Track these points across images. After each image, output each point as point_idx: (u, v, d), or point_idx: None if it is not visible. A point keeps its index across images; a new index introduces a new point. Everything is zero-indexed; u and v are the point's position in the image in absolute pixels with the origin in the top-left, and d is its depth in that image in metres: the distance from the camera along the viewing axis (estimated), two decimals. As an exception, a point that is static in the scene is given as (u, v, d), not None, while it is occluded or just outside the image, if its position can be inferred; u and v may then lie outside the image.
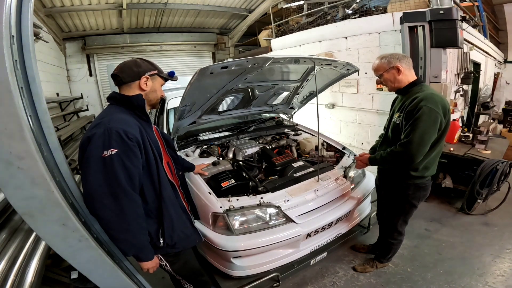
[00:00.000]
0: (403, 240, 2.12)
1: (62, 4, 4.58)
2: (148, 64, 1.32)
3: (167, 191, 1.35)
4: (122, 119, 1.19)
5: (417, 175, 1.70)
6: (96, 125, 1.15)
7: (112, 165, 1.08)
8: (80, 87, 5.98)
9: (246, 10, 6.40)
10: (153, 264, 1.30)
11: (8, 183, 0.86)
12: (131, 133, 1.15)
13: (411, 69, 1.70)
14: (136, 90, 1.29)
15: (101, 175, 1.08)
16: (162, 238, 1.32)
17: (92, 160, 1.08)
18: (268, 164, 2.48)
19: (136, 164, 1.16)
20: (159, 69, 1.36)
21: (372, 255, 2.34)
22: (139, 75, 1.27)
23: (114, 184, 1.09)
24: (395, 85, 1.72)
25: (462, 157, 3.09)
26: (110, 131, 1.10)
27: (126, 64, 1.28)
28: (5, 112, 0.80)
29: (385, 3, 3.87)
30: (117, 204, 1.10)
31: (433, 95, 1.57)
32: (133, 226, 1.16)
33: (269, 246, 1.81)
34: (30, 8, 0.94)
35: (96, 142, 1.09)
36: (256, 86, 2.76)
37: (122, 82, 1.27)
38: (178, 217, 1.38)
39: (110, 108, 1.29)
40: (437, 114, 1.52)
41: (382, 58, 1.73)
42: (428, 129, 1.51)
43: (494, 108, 4.85)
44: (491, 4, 7.21)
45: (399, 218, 1.94)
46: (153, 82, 1.33)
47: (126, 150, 1.13)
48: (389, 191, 1.94)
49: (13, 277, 1.21)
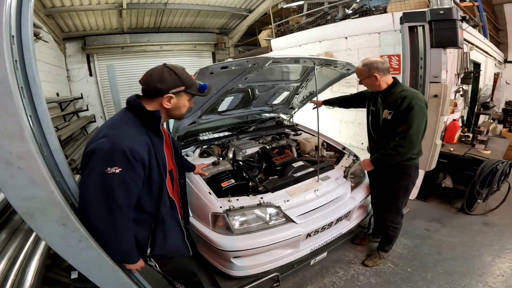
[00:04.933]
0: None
1: (62, 4, 4.58)
2: (176, 79, 1.19)
3: (165, 207, 1.33)
4: (132, 135, 1.15)
5: (415, 157, 2.00)
6: (104, 135, 1.10)
7: (113, 182, 1.07)
8: (80, 87, 5.97)
9: (246, 10, 6.39)
10: (138, 266, 1.29)
11: (8, 183, 0.86)
12: (138, 153, 1.12)
13: (388, 74, 1.93)
14: (157, 106, 1.22)
15: (100, 189, 1.07)
16: (151, 248, 1.32)
17: (94, 174, 1.06)
18: (268, 164, 2.48)
19: (137, 183, 1.15)
20: (188, 84, 1.23)
21: (374, 245, 2.42)
22: (162, 93, 1.19)
23: (110, 200, 1.08)
24: (375, 88, 1.96)
25: (462, 157, 3.09)
26: (117, 148, 1.07)
27: (152, 77, 1.19)
28: (5, 112, 0.80)
29: (385, 3, 3.87)
30: (110, 217, 1.10)
31: (417, 93, 1.86)
32: (122, 236, 1.17)
33: (269, 246, 1.81)
34: (30, 8, 0.94)
35: (101, 157, 1.06)
36: (256, 86, 2.76)
37: (146, 95, 1.22)
38: (171, 231, 1.37)
39: (124, 116, 1.23)
40: (424, 109, 1.82)
41: (363, 65, 1.93)
42: (421, 122, 1.80)
43: (494, 108, 4.84)
44: (491, 4, 7.21)
45: (403, 200, 2.11)
46: (177, 99, 1.23)
47: (130, 170, 1.11)
48: (390, 178, 2.05)
49: (13, 277, 1.21)
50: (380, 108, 1.99)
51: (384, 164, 1.98)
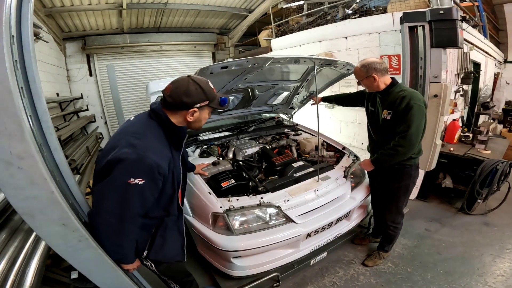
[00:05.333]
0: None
1: (62, 4, 4.57)
2: (201, 93, 1.20)
3: (173, 215, 1.37)
4: (158, 149, 1.16)
5: (415, 156, 2.00)
6: (130, 145, 1.10)
7: (134, 193, 1.08)
8: (80, 87, 5.96)
9: (246, 10, 6.39)
10: (134, 266, 1.30)
11: (8, 183, 0.86)
12: (162, 167, 1.14)
13: (386, 74, 1.93)
14: (180, 118, 1.23)
15: (119, 197, 1.08)
16: (147, 251, 1.33)
17: (117, 183, 1.07)
18: (268, 164, 2.48)
19: (154, 195, 1.18)
20: (211, 97, 1.23)
21: (374, 245, 2.42)
22: (188, 107, 1.19)
23: (126, 210, 1.10)
24: (373, 88, 1.97)
25: (462, 157, 3.09)
26: (143, 161, 1.08)
27: (178, 90, 1.18)
28: (5, 112, 0.80)
29: (385, 3, 3.87)
30: (121, 226, 1.12)
31: (416, 93, 1.87)
32: (126, 242, 1.18)
33: (269, 246, 1.81)
34: (30, 8, 0.94)
35: (126, 167, 1.07)
36: (256, 86, 2.76)
37: (169, 106, 1.21)
38: (170, 238, 1.38)
39: (148, 124, 1.22)
40: (423, 108, 1.83)
41: (361, 67, 1.94)
42: (420, 121, 1.81)
43: (494, 108, 4.84)
44: (491, 4, 7.21)
45: (403, 200, 2.12)
46: (200, 113, 1.24)
47: (152, 183, 1.12)
48: (390, 177, 2.06)
49: (13, 277, 1.21)
50: (379, 108, 2.00)
51: (384, 164, 1.99)
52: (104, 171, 1.11)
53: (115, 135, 1.24)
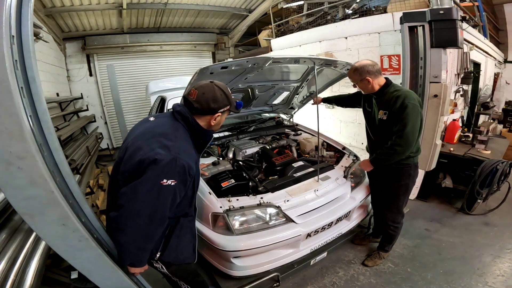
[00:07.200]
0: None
1: (62, 4, 4.58)
2: (225, 98, 1.27)
3: (190, 216, 1.40)
4: (190, 152, 1.21)
5: (414, 155, 2.01)
6: (163, 146, 1.13)
7: (166, 194, 1.10)
8: (80, 87, 5.96)
9: (246, 10, 6.39)
10: (142, 270, 1.30)
11: (8, 183, 0.86)
12: (193, 169, 1.18)
13: (380, 76, 1.95)
14: (204, 122, 1.28)
15: (151, 198, 1.09)
16: (161, 252, 1.33)
17: (150, 183, 1.08)
18: (268, 164, 2.48)
19: (181, 196, 1.21)
20: (232, 102, 1.32)
21: (374, 245, 2.42)
22: (214, 112, 1.26)
23: (158, 211, 1.11)
24: (368, 90, 1.99)
25: (462, 157, 3.09)
26: (178, 162, 1.11)
27: (205, 96, 1.23)
28: (5, 112, 0.80)
29: (385, 3, 3.87)
30: (149, 228, 1.13)
31: (410, 92, 1.90)
32: (149, 246, 1.19)
33: (269, 246, 1.81)
34: (30, 8, 0.94)
35: (161, 168, 1.08)
36: (256, 86, 2.76)
37: (196, 111, 1.25)
38: (184, 239, 1.40)
39: (175, 126, 1.25)
40: (418, 107, 1.85)
41: (354, 71, 1.97)
42: (416, 120, 1.82)
43: (494, 108, 4.85)
44: (491, 4, 7.21)
45: (403, 199, 2.12)
46: (221, 117, 1.32)
47: (182, 184, 1.15)
48: (389, 177, 2.06)
49: (13, 277, 1.21)
50: (375, 109, 2.03)
51: (383, 163, 2.00)
52: (135, 170, 1.11)
53: (139, 135, 1.22)
